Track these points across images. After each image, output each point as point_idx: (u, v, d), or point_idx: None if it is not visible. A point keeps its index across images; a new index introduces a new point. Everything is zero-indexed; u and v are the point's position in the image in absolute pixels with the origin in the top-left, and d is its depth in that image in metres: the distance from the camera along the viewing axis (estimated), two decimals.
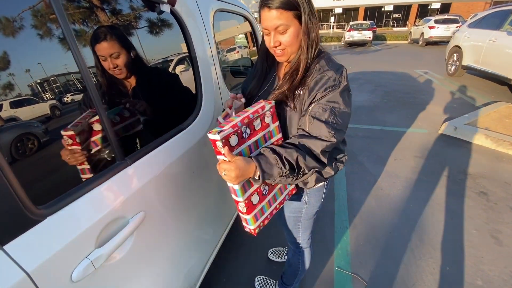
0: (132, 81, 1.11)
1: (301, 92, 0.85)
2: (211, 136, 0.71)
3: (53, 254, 0.58)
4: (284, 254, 1.73)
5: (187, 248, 1.11)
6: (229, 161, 0.72)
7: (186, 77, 1.25)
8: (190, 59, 1.16)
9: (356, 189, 2.38)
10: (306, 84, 0.85)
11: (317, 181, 1.00)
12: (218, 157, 0.75)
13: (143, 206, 0.82)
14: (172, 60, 1.34)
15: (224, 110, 0.96)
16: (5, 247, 0.51)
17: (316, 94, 0.81)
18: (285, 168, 0.77)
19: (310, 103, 0.82)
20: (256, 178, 0.77)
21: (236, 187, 0.76)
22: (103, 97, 1.03)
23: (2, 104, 0.61)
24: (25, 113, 0.65)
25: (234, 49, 3.78)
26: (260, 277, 1.58)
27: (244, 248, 1.84)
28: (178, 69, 1.36)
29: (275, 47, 0.84)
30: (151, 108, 1.12)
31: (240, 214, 0.86)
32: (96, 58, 0.96)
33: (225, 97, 1.40)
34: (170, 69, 1.33)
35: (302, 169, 0.81)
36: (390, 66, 8.11)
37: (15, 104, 0.64)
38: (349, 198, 2.28)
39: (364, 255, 1.73)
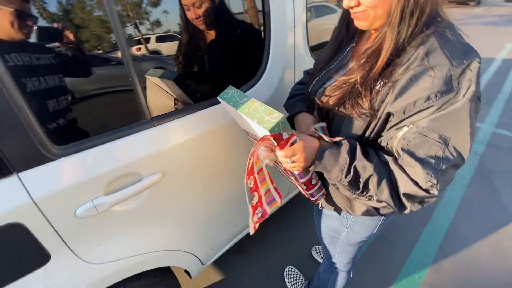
0: (212, 34, 1.05)
1: (380, 88, 0.55)
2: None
3: (60, 189, 0.65)
4: None
5: (215, 211, 1.10)
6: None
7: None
8: (263, 12, 0.96)
9: (470, 223, 1.71)
10: (392, 78, 0.53)
11: (367, 213, 0.72)
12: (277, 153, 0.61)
13: (162, 168, 0.82)
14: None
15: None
16: (19, 174, 0.60)
17: (407, 106, 0.51)
18: (344, 177, 0.57)
19: (399, 120, 0.54)
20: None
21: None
22: (182, 51, 1.01)
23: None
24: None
25: None
26: (291, 268, 1.47)
27: (292, 233, 1.73)
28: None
29: (351, 7, 0.55)
30: (217, 66, 1.04)
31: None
32: (181, 8, 0.93)
33: (300, 63, 1.14)
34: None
35: (368, 193, 0.58)
36: None
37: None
38: (450, 231, 1.68)
39: None
